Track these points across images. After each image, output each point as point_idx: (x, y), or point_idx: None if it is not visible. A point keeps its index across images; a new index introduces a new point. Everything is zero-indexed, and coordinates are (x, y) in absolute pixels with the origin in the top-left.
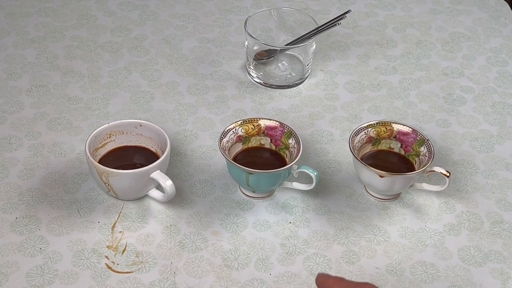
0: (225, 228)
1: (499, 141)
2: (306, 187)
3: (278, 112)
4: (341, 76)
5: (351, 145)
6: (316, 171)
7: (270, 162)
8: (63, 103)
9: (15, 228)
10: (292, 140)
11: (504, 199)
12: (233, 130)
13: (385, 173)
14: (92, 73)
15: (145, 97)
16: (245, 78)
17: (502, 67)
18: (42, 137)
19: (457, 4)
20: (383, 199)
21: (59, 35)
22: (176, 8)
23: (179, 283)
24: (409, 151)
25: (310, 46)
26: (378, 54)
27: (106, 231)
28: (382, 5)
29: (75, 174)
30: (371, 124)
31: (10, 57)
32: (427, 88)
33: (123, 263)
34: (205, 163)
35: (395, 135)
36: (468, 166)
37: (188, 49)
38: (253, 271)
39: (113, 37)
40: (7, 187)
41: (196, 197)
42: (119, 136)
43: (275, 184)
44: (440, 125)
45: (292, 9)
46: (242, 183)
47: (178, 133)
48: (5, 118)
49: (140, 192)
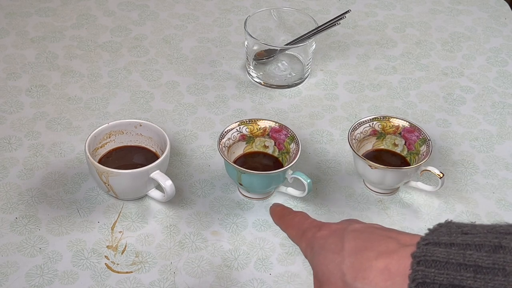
0: (225, 228)
1: (499, 141)
2: (299, 194)
3: (278, 112)
4: (341, 76)
5: (350, 138)
6: (309, 179)
7: (270, 168)
8: (63, 103)
9: (15, 228)
10: (293, 145)
11: (504, 199)
12: (236, 129)
13: (376, 165)
14: (92, 73)
15: (144, 97)
16: (245, 78)
17: (502, 67)
18: (42, 137)
19: (457, 4)
20: (379, 193)
21: (58, 35)
22: (176, 8)
23: (179, 283)
24: (412, 149)
25: (310, 46)
26: (378, 54)
27: (106, 231)
28: (382, 5)
29: (75, 174)
30: (376, 117)
31: (10, 57)
32: (427, 88)
33: (123, 263)
34: (205, 163)
35: (400, 131)
36: (468, 166)
37: (188, 49)
38: (253, 271)
39: (113, 37)
40: (6, 187)
41: (196, 197)
42: (119, 136)
43: (268, 187)
44: (440, 125)
45: (292, 9)
46: (236, 182)
47: (178, 133)
48: (5, 118)
49: (140, 192)
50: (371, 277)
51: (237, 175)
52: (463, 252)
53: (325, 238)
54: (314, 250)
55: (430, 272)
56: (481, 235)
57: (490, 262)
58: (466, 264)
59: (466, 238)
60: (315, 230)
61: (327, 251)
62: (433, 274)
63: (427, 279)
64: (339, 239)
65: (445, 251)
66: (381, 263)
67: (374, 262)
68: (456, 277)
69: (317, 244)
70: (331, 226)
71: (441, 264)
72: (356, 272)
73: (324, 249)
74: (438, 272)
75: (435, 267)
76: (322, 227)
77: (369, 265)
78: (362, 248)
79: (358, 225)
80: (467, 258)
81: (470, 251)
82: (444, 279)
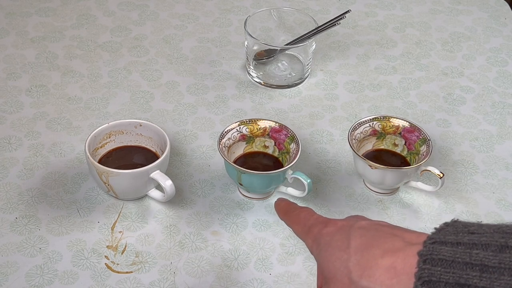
0: (225, 228)
1: (499, 141)
2: (300, 194)
3: (278, 112)
4: (341, 76)
5: (350, 138)
6: (309, 179)
7: (270, 168)
8: (63, 103)
9: (15, 228)
10: (293, 145)
11: (504, 199)
12: (236, 129)
13: (376, 165)
14: (92, 73)
15: (144, 97)
16: (245, 78)
17: (502, 67)
18: (42, 137)
19: (457, 4)
20: (379, 193)
21: (58, 35)
22: (176, 8)
23: (179, 283)
24: (411, 149)
25: (310, 46)
26: (378, 54)
27: (106, 231)
28: (382, 5)
29: (74, 174)
30: (376, 117)
31: (10, 57)
32: (427, 88)
33: (123, 263)
34: (205, 163)
35: (400, 131)
36: (468, 166)
37: (188, 49)
38: (253, 271)
39: (113, 37)
40: (6, 187)
41: (196, 197)
42: (119, 136)
43: (268, 187)
44: (440, 125)
45: (292, 9)
46: (236, 182)
47: (178, 133)
48: (5, 118)
49: (140, 192)
50: (377, 275)
51: (237, 175)
52: (470, 251)
53: (331, 235)
54: (320, 246)
55: (436, 271)
56: (487, 235)
57: (496, 262)
58: (472, 263)
59: (472, 238)
60: (321, 226)
61: (333, 248)
62: (439, 273)
63: (433, 277)
64: (345, 236)
65: (452, 250)
66: (387, 261)
67: (380, 260)
68: (462, 276)
69: (323, 240)
70: (337, 223)
71: (447, 262)
72: (362, 269)
73: (330, 246)
74: (444, 270)
75: (441, 265)
76: (328, 223)
77: (375, 263)
78: (368, 246)
79: (364, 222)
80: (473, 257)
81: (477, 250)
82: (450, 278)
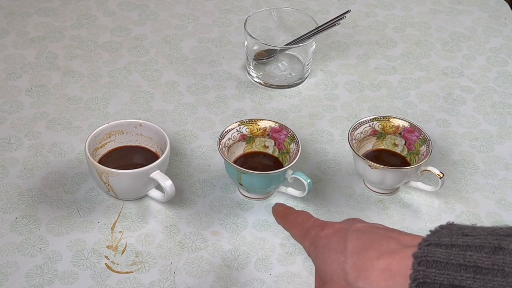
0: (225, 228)
1: (499, 141)
2: (300, 194)
3: (278, 112)
4: (341, 76)
5: (350, 138)
6: (309, 179)
7: (270, 168)
8: (63, 103)
9: (15, 228)
10: (293, 145)
11: (504, 199)
12: (236, 129)
13: (376, 165)
14: (92, 73)
15: (144, 97)
16: (245, 78)
17: (502, 67)
18: (42, 137)
19: (457, 4)
20: (379, 193)
21: (58, 35)
22: (176, 8)
23: (179, 283)
24: (411, 149)
25: (310, 46)
26: (378, 54)
27: (106, 231)
28: (382, 5)
29: (75, 174)
30: (376, 117)
31: (10, 57)
32: (427, 88)
33: (123, 263)
34: (205, 163)
35: (400, 131)
36: (468, 166)
37: (188, 49)
38: (253, 271)
39: (113, 37)
40: (6, 187)
41: (196, 197)
42: (119, 136)
43: (268, 187)
44: (440, 125)
45: (292, 9)
46: (236, 182)
47: (178, 133)
48: (4, 118)
49: (140, 192)
50: (373, 277)
51: (237, 175)
52: (464, 253)
53: (328, 237)
54: (318, 249)
55: (430, 272)
56: (481, 237)
57: (489, 263)
58: (466, 264)
59: (466, 240)
60: (318, 229)
61: (330, 250)
62: (433, 274)
63: (427, 279)
64: (342, 238)
65: (446, 252)
66: (382, 263)
67: (376, 262)
68: (456, 277)
69: (320, 243)
70: (334, 226)
71: (441, 264)
72: (358, 271)
73: (327, 248)
74: (439, 272)
75: (436, 267)
76: (325, 226)
77: (371, 265)
78: (364, 248)
79: (361, 224)
80: (467, 259)
81: (471, 252)
82: (444, 279)
